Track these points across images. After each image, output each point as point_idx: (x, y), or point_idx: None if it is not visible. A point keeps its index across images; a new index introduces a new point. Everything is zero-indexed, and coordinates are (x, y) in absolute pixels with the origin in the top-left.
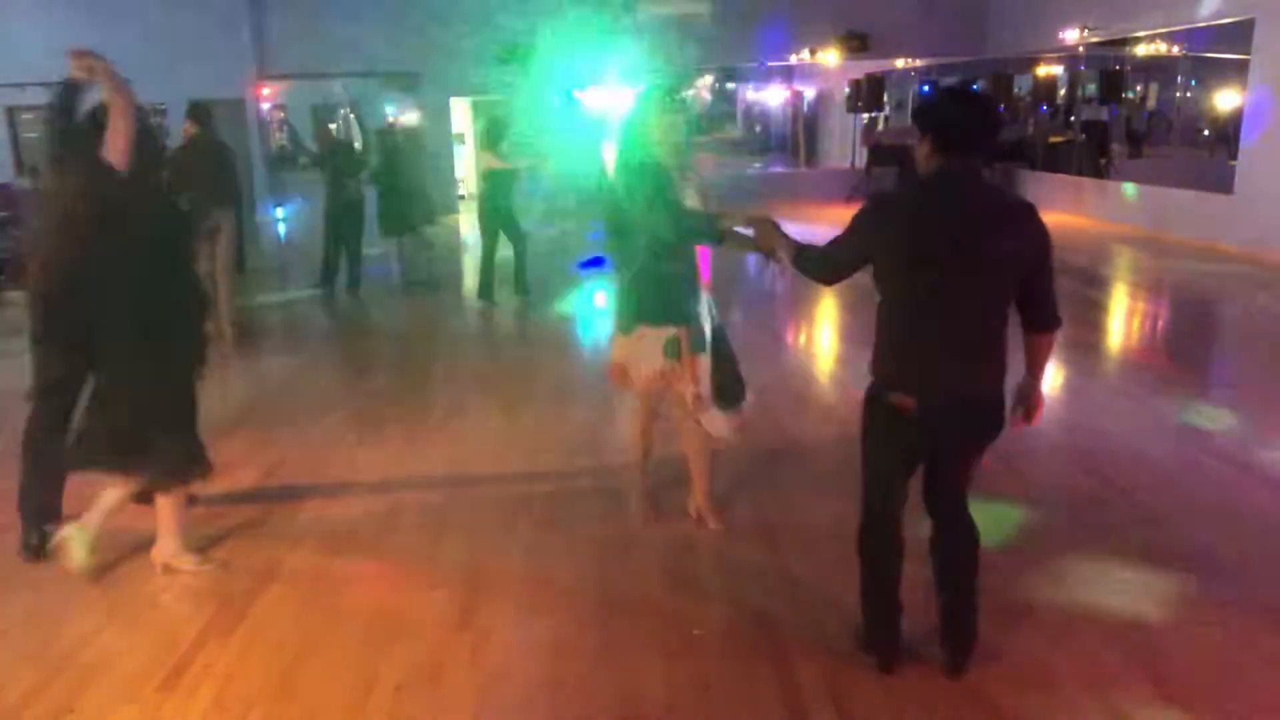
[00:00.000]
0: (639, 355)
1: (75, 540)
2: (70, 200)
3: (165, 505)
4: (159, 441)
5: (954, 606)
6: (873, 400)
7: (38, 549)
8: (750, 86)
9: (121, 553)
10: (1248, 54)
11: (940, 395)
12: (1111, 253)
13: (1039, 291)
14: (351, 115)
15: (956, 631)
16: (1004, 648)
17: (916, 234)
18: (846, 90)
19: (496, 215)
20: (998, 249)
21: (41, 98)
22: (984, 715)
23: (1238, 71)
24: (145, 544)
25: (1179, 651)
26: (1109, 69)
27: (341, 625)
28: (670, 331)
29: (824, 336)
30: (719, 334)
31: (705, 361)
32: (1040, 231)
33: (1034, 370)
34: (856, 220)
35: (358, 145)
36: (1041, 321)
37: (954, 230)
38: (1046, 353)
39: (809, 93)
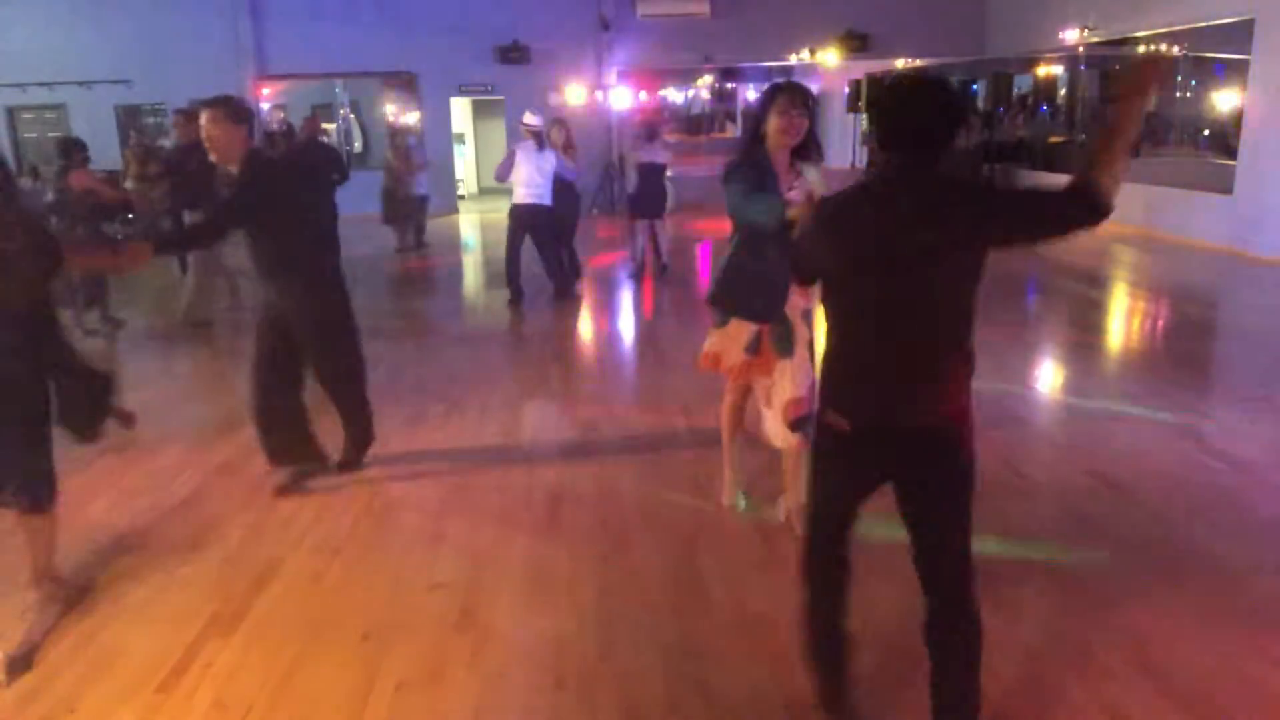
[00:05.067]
0: (728, 342)
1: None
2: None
3: None
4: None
5: (947, 704)
6: (817, 418)
7: None
8: (750, 86)
9: (121, 553)
10: (1248, 54)
11: (870, 416)
12: (1111, 252)
13: (1023, 222)
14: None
15: None
16: (1003, 648)
17: (844, 238)
18: (846, 90)
19: None
20: (932, 241)
21: (42, 98)
22: (982, 715)
23: (1238, 71)
24: (143, 544)
25: (1179, 651)
26: (1109, 69)
27: (342, 624)
28: (753, 329)
29: None
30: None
31: (787, 364)
32: (978, 209)
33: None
34: (802, 225)
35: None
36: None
37: (883, 231)
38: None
39: None
